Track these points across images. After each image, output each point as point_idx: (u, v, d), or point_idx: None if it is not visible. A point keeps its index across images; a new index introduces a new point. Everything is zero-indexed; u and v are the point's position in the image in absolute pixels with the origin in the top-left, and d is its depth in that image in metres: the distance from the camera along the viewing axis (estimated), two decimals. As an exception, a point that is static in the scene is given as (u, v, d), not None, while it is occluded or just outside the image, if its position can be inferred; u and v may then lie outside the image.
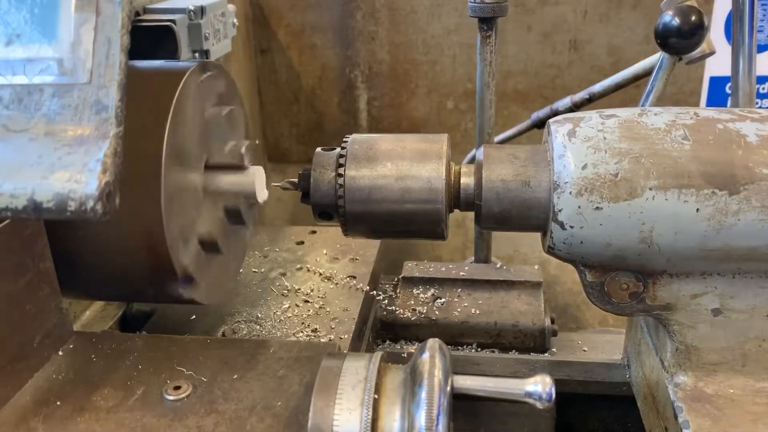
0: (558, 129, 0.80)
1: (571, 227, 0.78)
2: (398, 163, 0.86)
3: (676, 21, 0.99)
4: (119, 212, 0.80)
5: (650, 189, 0.75)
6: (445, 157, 0.86)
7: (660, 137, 0.76)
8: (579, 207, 0.77)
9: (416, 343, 1.21)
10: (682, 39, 1.00)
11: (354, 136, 0.91)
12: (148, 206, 0.81)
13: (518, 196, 0.82)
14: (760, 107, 1.84)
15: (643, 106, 1.12)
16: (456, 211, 0.89)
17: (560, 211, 0.78)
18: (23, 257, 0.76)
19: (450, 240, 2.14)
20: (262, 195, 0.98)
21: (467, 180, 0.87)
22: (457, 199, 0.87)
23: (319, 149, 0.92)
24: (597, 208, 0.76)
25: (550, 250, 0.83)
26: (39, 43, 0.64)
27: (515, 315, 1.20)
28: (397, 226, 0.88)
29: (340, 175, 0.87)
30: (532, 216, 0.82)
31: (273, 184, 1.00)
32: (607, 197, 0.75)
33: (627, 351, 1.10)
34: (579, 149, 0.77)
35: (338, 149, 0.90)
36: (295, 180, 0.93)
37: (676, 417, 0.80)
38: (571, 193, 0.77)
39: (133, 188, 0.80)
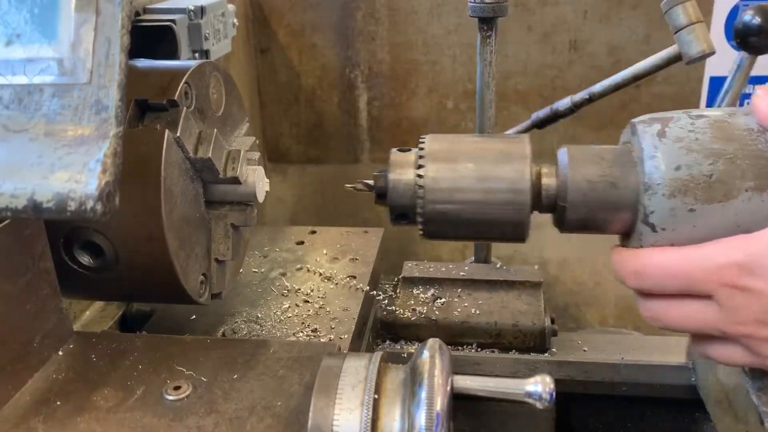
0: (645, 129, 0.78)
1: (663, 229, 0.76)
2: (480, 164, 0.84)
3: (758, 19, 0.98)
4: (138, 265, 0.85)
5: (746, 190, 0.73)
6: (528, 157, 0.84)
7: (753, 138, 0.75)
8: (672, 209, 0.75)
9: (416, 343, 1.21)
10: (763, 37, 0.99)
11: (431, 135, 0.88)
12: (161, 263, 0.85)
13: (605, 197, 0.80)
14: (760, 107, 1.84)
15: (718, 107, 1.10)
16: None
17: (652, 213, 0.76)
18: (23, 257, 0.76)
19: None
20: (262, 194, 0.98)
21: (549, 181, 0.84)
22: (537, 200, 0.84)
23: (394, 149, 0.89)
24: (691, 210, 0.74)
25: None
26: (39, 43, 0.64)
27: (515, 315, 1.20)
28: (478, 227, 0.85)
29: (420, 176, 0.84)
30: (617, 218, 0.80)
31: (346, 185, 0.95)
32: (701, 199, 0.74)
33: (693, 354, 1.09)
34: (671, 150, 0.76)
35: (415, 149, 0.87)
36: (369, 181, 0.89)
37: (762, 422, 0.79)
38: (664, 194, 0.75)
39: (145, 251, 0.84)
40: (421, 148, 0.86)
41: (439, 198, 0.84)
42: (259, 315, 1.09)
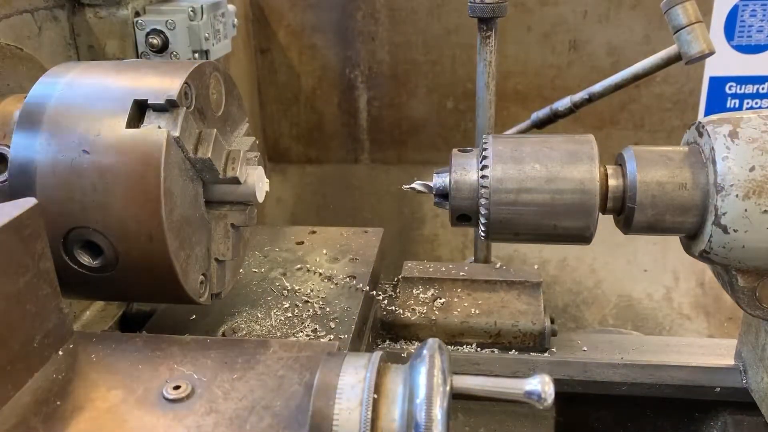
0: (716, 130, 0.78)
1: (735, 231, 0.75)
2: (547, 164, 0.83)
3: None
4: (138, 265, 0.86)
5: None
6: (597, 158, 0.84)
7: None
8: (746, 210, 0.74)
9: (416, 343, 1.21)
10: None
11: (493, 136, 0.87)
12: (161, 263, 0.85)
13: (674, 198, 0.79)
14: (759, 108, 1.85)
15: None
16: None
17: (724, 214, 0.75)
18: (23, 257, 0.76)
19: (450, 240, 2.15)
20: (262, 194, 0.98)
21: (615, 182, 0.83)
22: (604, 201, 0.84)
23: (455, 150, 0.88)
24: (765, 211, 0.74)
25: (704, 255, 0.80)
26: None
27: (515, 315, 1.20)
28: (542, 228, 0.85)
29: (484, 177, 0.83)
30: (686, 220, 0.80)
31: (404, 186, 0.93)
32: None
33: (742, 356, 1.08)
34: (744, 151, 0.75)
35: (476, 150, 0.86)
36: (428, 182, 0.88)
37: None
38: (737, 195, 0.74)
39: (145, 251, 0.84)
40: (485, 149, 0.85)
41: (504, 199, 0.83)
42: (259, 315, 1.09)
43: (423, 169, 2.06)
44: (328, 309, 1.10)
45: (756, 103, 1.84)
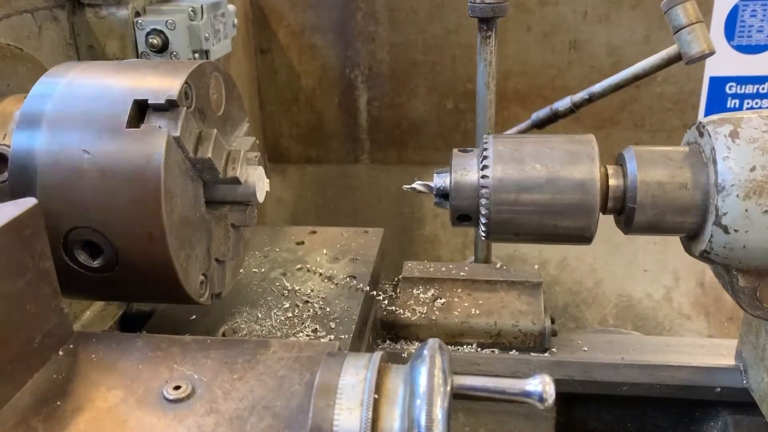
0: (717, 130, 0.78)
1: (736, 231, 0.76)
2: (548, 165, 0.83)
3: None
4: (138, 265, 0.85)
5: None
6: (597, 158, 0.84)
7: None
8: (746, 210, 0.75)
9: (416, 343, 1.21)
10: None
11: (494, 136, 0.88)
12: (161, 263, 0.85)
13: (675, 199, 0.79)
14: (759, 108, 1.85)
15: None
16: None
17: (725, 214, 0.75)
18: (23, 257, 0.75)
19: (450, 240, 2.15)
20: (262, 194, 0.98)
21: (616, 182, 0.83)
22: (604, 201, 0.84)
23: (455, 150, 0.88)
24: (766, 211, 0.74)
25: (705, 255, 0.80)
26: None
27: (515, 315, 1.20)
28: (543, 228, 0.85)
29: (484, 177, 0.83)
30: (686, 220, 0.80)
31: (405, 186, 0.92)
32: None
33: (742, 356, 1.08)
34: (745, 151, 0.75)
35: (477, 150, 0.87)
36: (429, 182, 0.89)
37: None
38: (738, 195, 0.74)
39: (145, 251, 0.84)
40: (485, 149, 0.85)
41: (504, 199, 0.83)
42: (259, 315, 1.09)
43: (423, 169, 2.06)
44: (328, 309, 1.10)
45: (756, 103, 1.84)
